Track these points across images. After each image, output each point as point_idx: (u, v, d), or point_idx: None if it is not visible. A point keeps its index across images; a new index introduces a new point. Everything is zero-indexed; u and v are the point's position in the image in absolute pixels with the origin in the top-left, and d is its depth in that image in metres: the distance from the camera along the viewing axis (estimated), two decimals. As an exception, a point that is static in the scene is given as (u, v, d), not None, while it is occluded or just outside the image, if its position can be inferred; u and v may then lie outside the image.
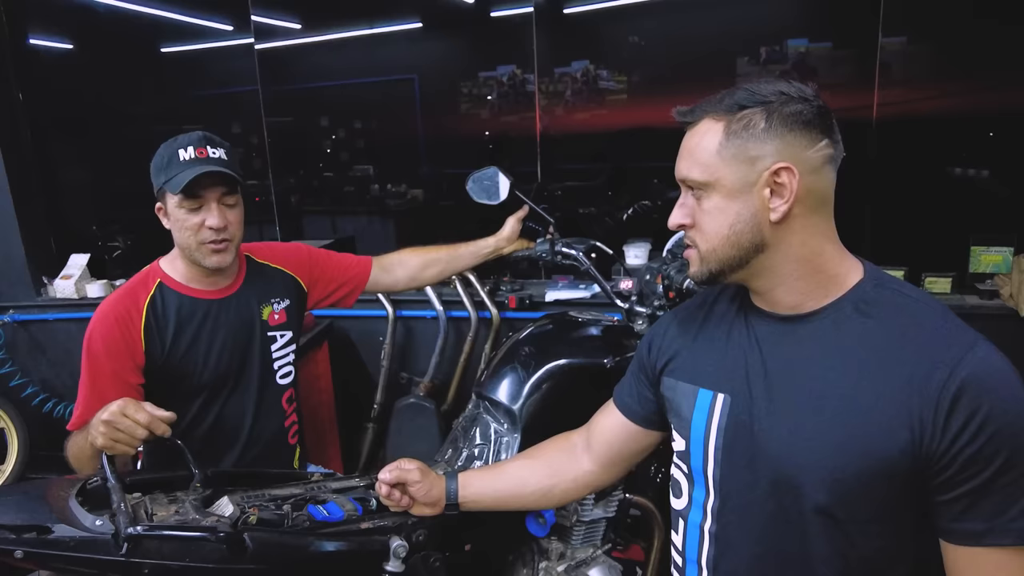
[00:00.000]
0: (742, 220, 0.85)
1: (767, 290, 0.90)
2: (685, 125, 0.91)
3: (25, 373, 3.30)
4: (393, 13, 3.13)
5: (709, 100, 0.89)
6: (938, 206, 2.60)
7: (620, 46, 2.89)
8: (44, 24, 3.38)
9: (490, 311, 2.80)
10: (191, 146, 1.36)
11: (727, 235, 0.87)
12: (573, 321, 1.58)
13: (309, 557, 1.08)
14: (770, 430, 0.88)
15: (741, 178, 0.84)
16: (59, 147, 3.51)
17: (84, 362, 1.38)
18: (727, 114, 0.86)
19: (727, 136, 0.85)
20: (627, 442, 1.14)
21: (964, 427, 0.75)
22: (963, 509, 0.78)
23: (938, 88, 2.56)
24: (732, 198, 0.85)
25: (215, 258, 1.41)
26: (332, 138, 3.43)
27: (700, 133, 0.88)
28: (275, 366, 1.57)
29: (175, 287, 1.46)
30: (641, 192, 2.97)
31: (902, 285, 0.87)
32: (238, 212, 1.44)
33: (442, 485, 1.20)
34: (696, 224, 0.90)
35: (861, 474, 0.80)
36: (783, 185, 0.83)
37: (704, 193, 0.88)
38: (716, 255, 0.89)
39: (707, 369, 0.97)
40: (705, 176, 0.86)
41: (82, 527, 0.98)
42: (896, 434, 0.78)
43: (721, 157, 0.85)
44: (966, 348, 0.78)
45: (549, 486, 1.19)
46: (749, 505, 0.91)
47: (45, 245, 3.39)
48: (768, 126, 0.83)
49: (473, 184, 1.76)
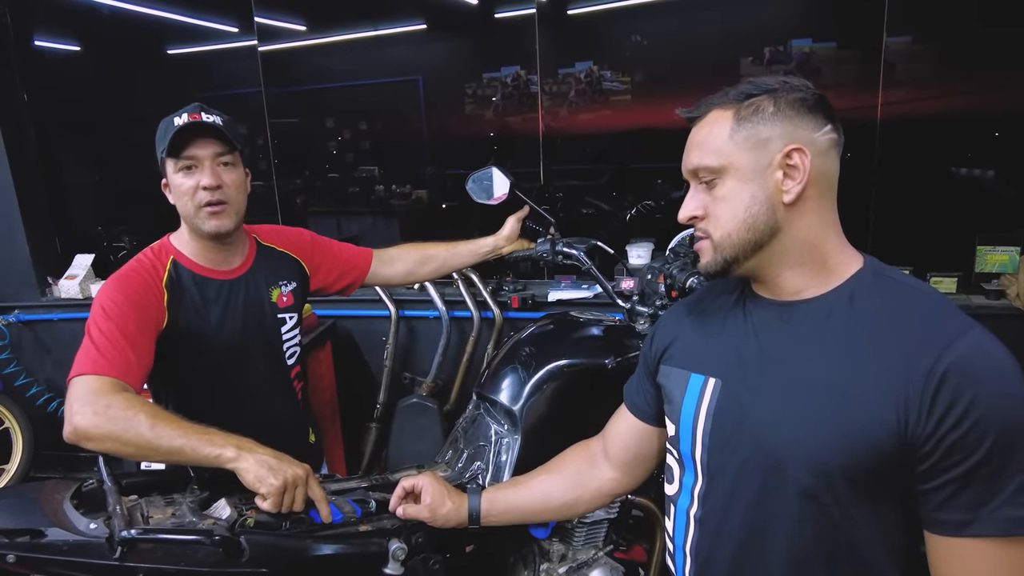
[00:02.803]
0: (757, 202, 0.86)
1: (772, 277, 0.91)
2: (691, 121, 0.93)
3: (30, 373, 3.32)
4: (397, 15, 3.12)
5: (713, 96, 0.91)
6: (944, 206, 2.58)
7: (623, 46, 2.88)
8: (49, 26, 3.39)
9: (493, 311, 2.80)
10: (185, 113, 1.37)
11: (743, 219, 0.87)
12: (574, 321, 1.56)
13: (307, 560, 1.08)
14: (759, 414, 0.88)
15: (754, 161, 0.86)
16: (64, 148, 3.52)
17: (100, 315, 1.26)
18: (735, 103, 0.88)
19: (737, 122, 0.86)
20: (643, 442, 1.14)
21: (948, 411, 0.75)
22: (946, 498, 0.77)
23: (943, 88, 2.54)
24: (746, 181, 0.86)
25: (213, 222, 1.39)
26: (337, 139, 3.43)
27: (709, 124, 0.89)
28: (284, 347, 1.57)
29: (189, 265, 1.45)
30: (644, 192, 2.96)
31: (901, 275, 0.88)
32: (236, 175, 1.42)
33: (460, 508, 1.19)
34: (709, 214, 0.90)
35: (847, 458, 0.80)
36: (795, 167, 0.84)
37: (718, 179, 0.88)
38: (731, 240, 0.88)
39: (700, 355, 0.98)
40: (719, 161, 0.87)
41: (76, 531, 0.97)
42: (883, 417, 0.78)
43: (734, 142, 0.86)
44: (958, 333, 0.77)
45: (574, 498, 1.19)
46: (734, 489, 0.91)
47: (50, 245, 3.41)
48: (776, 109, 0.85)
49: (473, 184, 1.75)
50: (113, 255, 3.46)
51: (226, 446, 1.11)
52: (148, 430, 1.09)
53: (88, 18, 3.38)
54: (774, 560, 0.88)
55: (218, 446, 1.10)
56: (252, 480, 1.08)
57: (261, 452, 1.12)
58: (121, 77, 3.46)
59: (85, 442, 1.11)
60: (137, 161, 3.13)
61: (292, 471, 1.11)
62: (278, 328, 1.55)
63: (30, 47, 3.35)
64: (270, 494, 1.07)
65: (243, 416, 1.48)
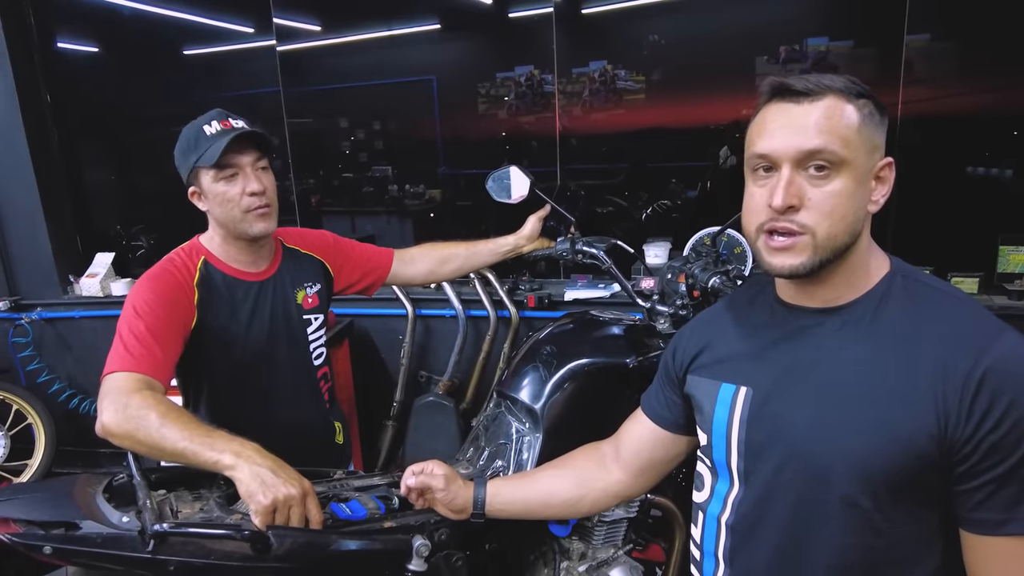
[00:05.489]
0: (862, 208, 0.84)
1: (816, 283, 0.88)
2: (799, 97, 0.83)
3: (52, 369, 3.36)
4: (412, 15, 3.14)
5: (822, 77, 0.83)
6: (965, 205, 2.55)
7: (638, 46, 2.87)
8: (71, 28, 3.44)
9: (509, 310, 2.80)
10: (214, 120, 1.38)
11: (851, 221, 0.82)
12: (595, 320, 1.56)
13: (332, 555, 1.08)
14: (796, 420, 0.87)
15: (867, 164, 0.83)
16: (85, 148, 3.57)
17: (131, 314, 1.28)
18: (853, 97, 0.82)
19: (862, 119, 0.82)
20: (656, 449, 1.14)
21: (987, 413, 0.75)
22: (984, 498, 0.78)
23: (964, 86, 2.51)
24: (860, 183, 0.83)
25: (261, 224, 1.42)
26: (351, 139, 3.45)
27: (830, 108, 0.81)
28: (311, 348, 1.58)
29: (219, 266, 1.46)
30: (659, 191, 2.96)
31: (929, 278, 0.88)
32: (271, 178, 1.46)
33: (467, 493, 1.19)
34: (814, 206, 0.82)
35: (888, 462, 0.80)
36: (884, 179, 0.85)
37: (835, 173, 0.81)
38: (835, 242, 0.82)
39: (730, 364, 0.97)
40: (846, 152, 0.80)
41: (109, 524, 0.99)
42: (923, 420, 0.78)
43: (861, 137, 0.82)
44: (993, 336, 0.78)
45: (578, 496, 1.19)
46: (772, 496, 0.90)
47: (72, 244, 3.45)
48: (882, 118, 0.85)
49: (493, 183, 1.75)
50: (132, 253, 3.50)
51: (225, 452, 1.07)
52: (155, 431, 1.10)
53: (109, 20, 3.42)
54: (814, 567, 0.88)
55: (217, 451, 1.07)
56: (243, 494, 1.04)
57: (260, 463, 1.06)
58: (141, 78, 3.50)
59: (110, 438, 1.13)
60: (154, 161, 3.16)
61: (285, 491, 1.04)
62: (304, 329, 1.56)
63: (53, 49, 3.39)
64: (257, 513, 1.03)
65: (270, 416, 1.51)
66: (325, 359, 1.64)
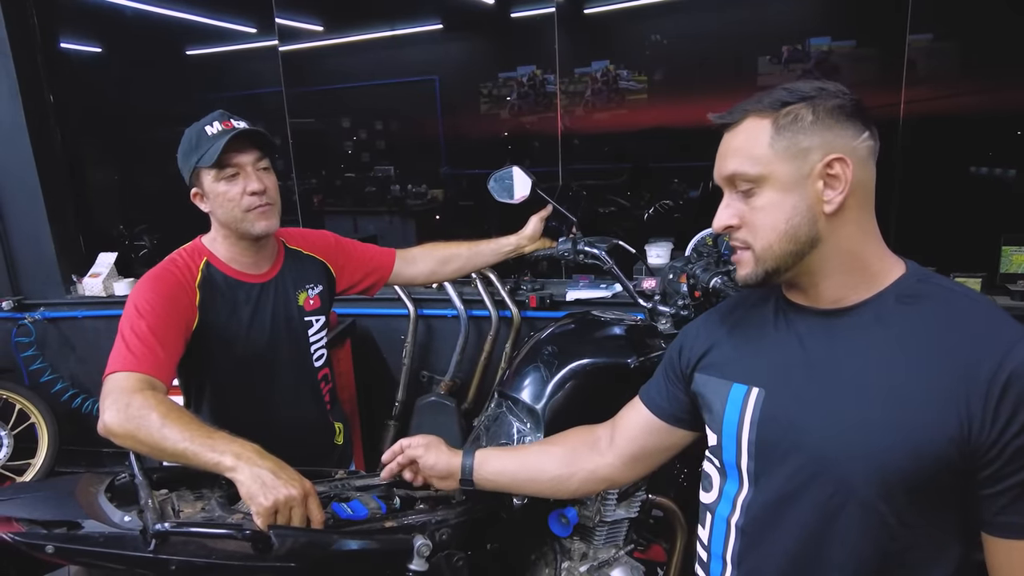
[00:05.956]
0: (799, 213, 0.85)
1: (811, 285, 0.90)
2: (725, 127, 0.91)
3: (55, 369, 3.37)
4: (414, 15, 3.14)
5: (747, 101, 0.89)
6: (967, 205, 2.54)
7: (640, 46, 2.87)
8: (74, 28, 3.45)
9: (511, 310, 2.80)
10: (216, 121, 1.39)
11: (784, 230, 0.86)
12: (596, 320, 1.56)
13: (334, 555, 1.09)
14: (810, 423, 0.87)
15: (794, 171, 0.85)
16: (88, 148, 3.58)
17: (132, 314, 1.29)
18: (771, 111, 0.86)
19: (776, 131, 0.85)
20: (651, 439, 1.13)
21: (1013, 417, 0.75)
22: (1008, 502, 0.78)
23: (967, 85, 2.51)
24: (787, 192, 0.85)
25: (263, 223, 1.43)
26: (354, 139, 3.46)
27: (746, 130, 0.88)
28: (312, 350, 1.59)
29: (221, 267, 1.47)
30: (661, 192, 2.95)
31: (946, 280, 0.88)
32: (273, 177, 1.46)
33: (451, 460, 1.20)
34: (747, 223, 0.89)
35: (908, 466, 0.79)
36: (836, 176, 0.84)
37: (757, 188, 0.87)
38: (773, 252, 0.87)
39: (741, 364, 0.97)
40: (758, 169, 0.86)
41: (111, 523, 0.99)
42: (945, 424, 0.78)
43: (774, 151, 0.85)
44: (1015, 339, 0.78)
45: (567, 475, 1.18)
46: (784, 499, 0.90)
47: (75, 244, 3.46)
48: (816, 119, 0.84)
49: (495, 183, 1.75)
50: (134, 253, 3.51)
51: (226, 453, 1.07)
52: (156, 431, 1.10)
53: (112, 20, 3.43)
54: (827, 570, 0.87)
55: (218, 453, 1.07)
56: (244, 495, 1.05)
57: (261, 464, 1.06)
58: (143, 78, 3.51)
59: (112, 438, 1.13)
60: (157, 160, 3.16)
61: (286, 492, 1.04)
62: (305, 331, 1.57)
63: (56, 49, 3.40)
64: (258, 514, 1.03)
65: (271, 417, 1.51)
66: (326, 360, 1.64)
